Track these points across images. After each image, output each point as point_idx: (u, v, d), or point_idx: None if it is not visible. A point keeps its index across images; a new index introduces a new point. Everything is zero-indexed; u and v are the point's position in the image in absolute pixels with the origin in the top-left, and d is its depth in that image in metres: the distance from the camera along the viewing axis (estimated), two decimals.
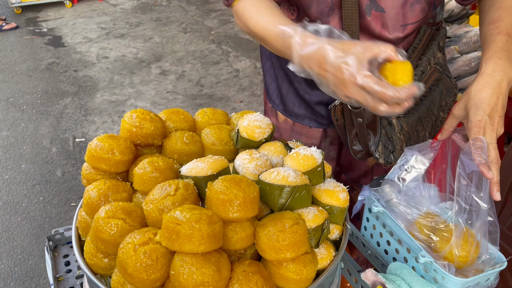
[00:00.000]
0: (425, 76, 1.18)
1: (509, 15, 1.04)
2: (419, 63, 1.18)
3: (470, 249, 0.93)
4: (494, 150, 0.93)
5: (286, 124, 1.39)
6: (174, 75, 4.39)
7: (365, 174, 1.47)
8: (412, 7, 1.08)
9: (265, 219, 0.79)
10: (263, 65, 1.41)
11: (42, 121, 3.64)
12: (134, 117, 0.95)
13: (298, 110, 1.35)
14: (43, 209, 2.69)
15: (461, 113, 1.00)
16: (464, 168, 0.92)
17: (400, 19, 1.09)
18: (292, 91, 1.33)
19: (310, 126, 1.36)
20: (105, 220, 0.77)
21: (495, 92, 0.94)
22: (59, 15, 6.21)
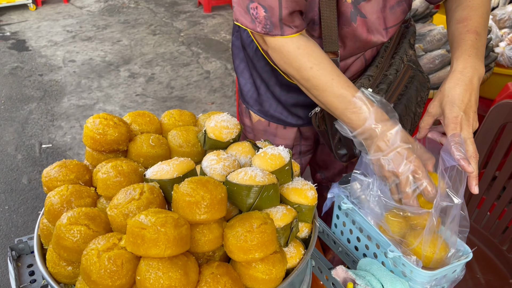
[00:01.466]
0: (399, 75, 1.19)
1: (476, 14, 1.07)
2: (392, 62, 1.19)
3: (435, 249, 0.95)
4: (472, 145, 0.96)
5: (260, 124, 1.39)
6: (144, 77, 4.33)
7: (339, 173, 1.49)
8: (392, 10, 1.09)
9: (233, 220, 0.79)
10: (236, 67, 1.39)
11: (6, 127, 3.51)
12: (97, 123, 0.92)
13: (274, 111, 1.34)
14: (8, 218, 2.60)
15: (436, 110, 1.02)
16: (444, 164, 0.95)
17: (382, 23, 1.10)
18: (269, 93, 1.32)
19: (285, 126, 1.36)
20: (67, 226, 0.75)
21: (467, 89, 0.97)
22: (22, 18, 6.03)
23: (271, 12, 0.97)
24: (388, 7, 1.08)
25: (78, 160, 0.95)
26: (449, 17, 1.14)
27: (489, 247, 1.65)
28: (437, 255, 0.96)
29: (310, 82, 1.01)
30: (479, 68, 1.01)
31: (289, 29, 0.99)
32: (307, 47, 1.00)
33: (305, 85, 1.04)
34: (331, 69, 1.00)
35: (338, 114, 1.02)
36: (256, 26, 1.00)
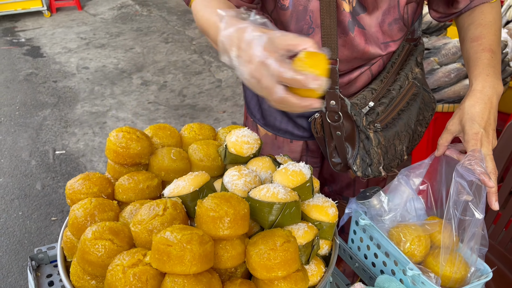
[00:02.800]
0: (403, 91, 1.20)
1: (490, 32, 1.08)
2: (397, 78, 1.21)
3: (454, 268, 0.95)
4: (491, 161, 0.97)
5: (267, 138, 1.40)
6: (156, 85, 4.37)
7: (347, 186, 1.48)
8: (390, 26, 1.10)
9: (255, 237, 0.79)
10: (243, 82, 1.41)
11: (21, 133, 3.56)
12: (120, 137, 0.93)
13: (280, 124, 1.35)
14: (22, 224, 2.62)
15: (456, 128, 1.04)
16: (462, 178, 0.94)
17: (380, 37, 1.12)
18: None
19: (291, 139, 1.37)
20: (92, 241, 0.76)
21: (487, 107, 0.99)
22: (37, 25, 6.12)
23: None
24: (386, 22, 1.10)
25: (91, 167, 0.96)
26: (462, 35, 1.15)
27: (505, 264, 1.63)
28: (456, 274, 0.96)
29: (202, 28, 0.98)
30: (498, 87, 1.03)
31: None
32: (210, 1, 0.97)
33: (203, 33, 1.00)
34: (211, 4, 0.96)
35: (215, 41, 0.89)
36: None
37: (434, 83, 2.02)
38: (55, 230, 2.58)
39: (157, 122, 3.73)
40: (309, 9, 1.06)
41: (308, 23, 1.08)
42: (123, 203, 0.94)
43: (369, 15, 1.08)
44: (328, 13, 1.04)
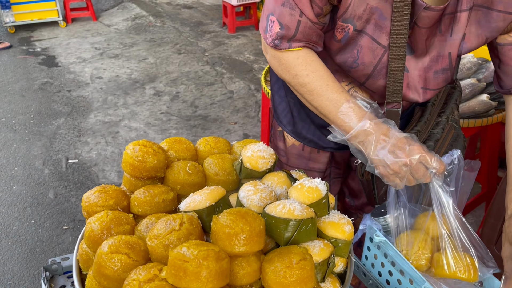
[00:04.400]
0: (444, 133, 1.20)
1: None
2: (439, 121, 1.20)
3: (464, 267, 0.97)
4: None
5: (294, 149, 1.39)
6: (168, 96, 4.40)
7: (369, 204, 1.47)
8: (435, 74, 1.09)
9: (271, 254, 0.79)
10: (273, 85, 1.41)
11: (35, 141, 3.60)
12: (136, 150, 0.94)
13: (307, 132, 1.35)
14: (34, 232, 2.64)
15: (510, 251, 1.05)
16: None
17: (421, 81, 1.10)
18: (303, 113, 1.33)
19: (318, 150, 1.36)
20: (109, 255, 0.76)
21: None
22: (53, 34, 6.22)
23: (286, 31, 1.01)
24: (433, 70, 1.08)
25: (103, 176, 0.97)
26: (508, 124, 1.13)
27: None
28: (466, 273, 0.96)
29: (305, 88, 1.05)
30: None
31: (297, 43, 1.03)
32: (306, 57, 1.04)
33: (300, 90, 1.08)
34: (326, 76, 1.03)
35: (332, 118, 1.04)
36: (267, 36, 1.04)
37: None
38: (67, 239, 2.59)
39: (169, 132, 3.75)
40: (359, 44, 1.04)
41: (354, 57, 1.07)
42: (138, 216, 0.94)
43: (416, 58, 1.06)
44: (397, 56, 1.03)
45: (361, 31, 1.01)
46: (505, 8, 0.96)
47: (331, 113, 1.03)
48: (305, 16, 0.98)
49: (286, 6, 0.97)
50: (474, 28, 1.01)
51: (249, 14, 6.30)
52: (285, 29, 1.00)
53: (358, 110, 1.00)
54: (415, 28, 1.00)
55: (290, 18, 0.98)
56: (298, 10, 0.97)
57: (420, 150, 0.95)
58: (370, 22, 0.99)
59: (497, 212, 1.53)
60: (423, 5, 0.94)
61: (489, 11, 0.97)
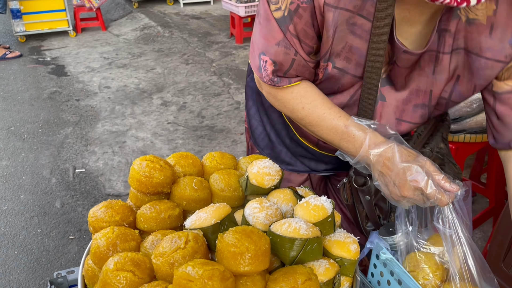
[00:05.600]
0: None
1: None
2: (423, 151, 1.19)
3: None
4: None
5: None
6: (176, 106, 4.42)
7: None
8: (415, 108, 1.07)
9: (276, 273, 0.78)
10: (249, 109, 1.40)
11: (43, 150, 3.63)
12: (143, 166, 0.94)
13: (285, 156, 1.35)
14: (40, 242, 2.65)
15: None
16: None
17: (398, 112, 1.08)
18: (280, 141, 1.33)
19: (298, 172, 1.37)
20: (114, 272, 0.76)
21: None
22: (62, 44, 6.29)
23: (280, 68, 1.01)
24: (412, 103, 1.06)
25: (110, 186, 0.97)
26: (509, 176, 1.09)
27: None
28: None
29: (304, 120, 1.06)
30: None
31: (295, 78, 1.03)
32: (300, 90, 1.04)
33: (300, 122, 1.09)
34: (322, 104, 1.03)
35: (336, 144, 1.05)
36: (263, 76, 1.04)
37: (455, 113, 2.00)
38: (72, 249, 2.60)
39: (175, 142, 3.77)
40: (341, 82, 1.04)
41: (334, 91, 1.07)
42: (144, 232, 0.95)
43: (395, 90, 1.06)
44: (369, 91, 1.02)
45: (342, 69, 1.00)
46: (493, 56, 0.93)
47: (334, 141, 1.04)
48: (299, 55, 0.98)
49: (281, 46, 0.98)
50: (467, 73, 0.98)
51: None
52: (279, 66, 1.01)
53: (357, 134, 0.99)
54: (395, 66, 1.00)
55: (284, 56, 0.99)
56: (293, 50, 0.97)
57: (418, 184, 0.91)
58: (352, 62, 0.98)
59: (505, 228, 1.52)
60: (402, 48, 0.94)
61: (477, 58, 0.94)
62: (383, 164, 0.96)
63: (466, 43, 0.94)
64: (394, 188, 0.96)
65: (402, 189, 0.94)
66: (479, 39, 0.92)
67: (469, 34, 0.92)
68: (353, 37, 0.94)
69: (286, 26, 0.95)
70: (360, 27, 0.93)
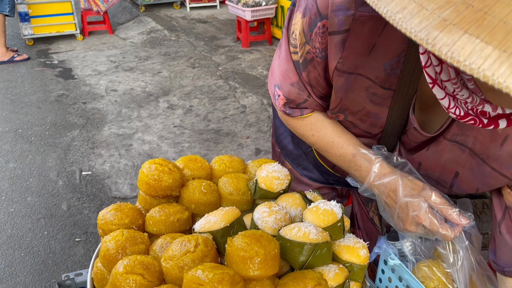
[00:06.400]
0: None
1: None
2: None
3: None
4: None
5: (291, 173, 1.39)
6: (182, 109, 4.43)
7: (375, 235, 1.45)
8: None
9: (286, 278, 0.78)
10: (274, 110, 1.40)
11: (50, 153, 3.65)
12: (152, 169, 0.95)
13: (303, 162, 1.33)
14: (47, 244, 2.66)
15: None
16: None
17: None
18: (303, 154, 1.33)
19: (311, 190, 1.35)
20: (124, 275, 0.76)
21: None
22: (70, 47, 6.34)
23: (292, 103, 1.03)
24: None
25: (116, 189, 0.97)
26: None
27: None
28: None
29: (314, 146, 1.10)
30: None
31: (307, 110, 1.05)
32: (311, 119, 1.06)
33: (311, 145, 1.13)
34: (331, 133, 1.04)
35: (345, 170, 1.06)
36: (277, 104, 1.07)
37: None
38: (79, 252, 2.60)
39: (181, 146, 3.77)
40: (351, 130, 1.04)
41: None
42: (153, 235, 0.95)
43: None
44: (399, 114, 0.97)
45: (355, 124, 1.01)
46: (499, 168, 0.87)
47: (343, 167, 1.06)
48: (312, 97, 1.00)
49: (295, 87, 0.99)
50: (467, 173, 0.93)
51: (263, 29, 6.35)
52: (291, 102, 1.03)
53: (364, 165, 1.00)
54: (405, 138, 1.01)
55: (297, 95, 1.00)
56: (307, 92, 0.99)
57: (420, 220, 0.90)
58: (366, 122, 0.99)
59: None
60: (413, 125, 0.93)
61: (483, 164, 0.88)
62: (388, 195, 0.96)
63: (474, 144, 0.87)
64: (398, 221, 0.96)
65: (405, 223, 0.94)
66: (489, 145, 0.85)
67: (482, 137, 0.85)
68: (372, 105, 0.93)
69: (300, 71, 0.96)
70: (381, 97, 0.91)
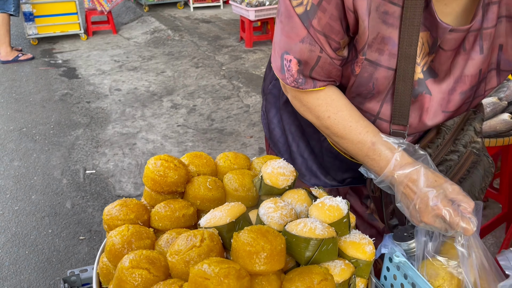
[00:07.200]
0: (461, 160, 1.13)
1: None
2: (455, 150, 1.13)
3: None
4: None
5: None
6: (185, 109, 4.44)
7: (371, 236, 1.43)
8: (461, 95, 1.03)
9: (292, 273, 0.78)
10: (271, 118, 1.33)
11: (54, 152, 3.66)
12: (158, 165, 0.95)
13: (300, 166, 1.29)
14: (51, 242, 2.67)
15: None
16: None
17: (444, 104, 1.03)
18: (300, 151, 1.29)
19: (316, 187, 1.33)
20: (129, 270, 0.76)
21: None
22: (74, 47, 6.36)
23: (305, 66, 0.96)
24: (458, 91, 1.02)
25: (120, 188, 0.98)
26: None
27: None
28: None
29: (329, 130, 1.03)
30: None
31: (321, 82, 0.99)
32: (326, 97, 1.00)
33: (325, 131, 1.06)
34: (349, 116, 0.99)
35: (361, 159, 1.02)
36: (286, 77, 0.99)
37: None
38: (83, 250, 2.61)
39: (185, 145, 3.78)
40: (374, 77, 0.98)
41: (370, 89, 1.01)
42: (158, 231, 0.95)
43: (439, 81, 1.01)
44: (404, 78, 0.97)
45: (374, 62, 0.96)
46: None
47: (358, 156, 1.01)
48: (325, 52, 0.94)
49: (305, 43, 0.93)
50: (511, 40, 0.96)
51: (266, 29, 6.35)
52: (303, 64, 0.96)
53: (384, 153, 0.96)
54: (440, 52, 0.96)
55: (309, 54, 0.94)
56: (318, 47, 0.93)
57: (440, 212, 0.89)
58: (384, 53, 0.94)
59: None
60: (448, 27, 0.91)
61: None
62: (406, 185, 0.93)
63: (508, 10, 0.91)
64: (415, 212, 0.93)
65: (423, 214, 0.91)
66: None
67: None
68: (385, 27, 0.90)
69: (309, 22, 0.91)
70: (392, 15, 0.89)
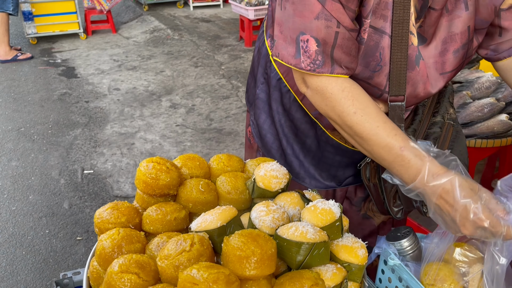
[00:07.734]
0: (443, 131, 1.15)
1: None
2: (435, 121, 1.15)
3: None
4: None
5: None
6: (184, 108, 4.43)
7: (370, 234, 1.42)
8: (455, 54, 1.02)
9: (282, 278, 0.77)
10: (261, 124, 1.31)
11: (52, 151, 3.65)
12: (150, 168, 0.94)
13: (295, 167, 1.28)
14: (48, 242, 2.66)
15: None
16: None
17: (440, 67, 1.03)
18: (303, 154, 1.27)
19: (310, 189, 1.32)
20: (119, 274, 0.75)
21: None
22: (73, 46, 6.35)
23: (324, 46, 0.92)
24: (450, 51, 1.02)
25: (118, 188, 0.97)
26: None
27: None
28: None
29: (353, 129, 0.95)
30: None
31: (339, 69, 0.94)
32: (352, 90, 0.95)
33: (348, 131, 0.98)
34: (376, 115, 0.94)
35: (386, 165, 0.96)
36: (301, 61, 0.93)
37: (466, 117, 1.98)
38: (80, 250, 2.60)
39: (184, 145, 3.77)
40: (381, 46, 0.96)
41: (377, 60, 0.98)
42: (150, 234, 0.94)
43: (428, 45, 1.01)
44: (399, 47, 0.95)
45: (379, 29, 0.94)
46: None
47: (385, 161, 0.95)
48: (342, 26, 0.90)
49: (321, 19, 0.89)
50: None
51: None
52: (322, 45, 0.91)
53: (414, 162, 0.91)
54: (430, 13, 0.97)
55: (326, 30, 0.90)
56: (335, 21, 0.89)
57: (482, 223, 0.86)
58: (388, 19, 0.93)
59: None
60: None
61: None
62: (440, 196, 0.89)
63: None
64: (453, 224, 0.90)
65: (463, 227, 0.88)
66: None
67: None
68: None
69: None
70: None
